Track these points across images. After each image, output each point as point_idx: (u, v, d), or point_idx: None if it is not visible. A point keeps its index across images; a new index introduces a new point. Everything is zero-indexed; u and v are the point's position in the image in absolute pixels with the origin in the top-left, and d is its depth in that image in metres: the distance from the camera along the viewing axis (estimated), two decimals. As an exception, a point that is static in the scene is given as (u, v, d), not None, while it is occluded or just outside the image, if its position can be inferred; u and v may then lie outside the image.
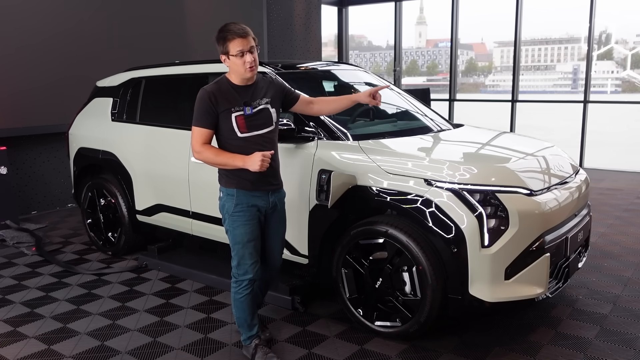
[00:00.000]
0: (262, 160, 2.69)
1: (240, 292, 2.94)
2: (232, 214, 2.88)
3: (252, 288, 2.95)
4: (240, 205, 2.86)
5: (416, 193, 2.98)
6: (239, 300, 2.95)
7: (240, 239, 2.88)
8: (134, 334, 3.37)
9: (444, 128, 4.07)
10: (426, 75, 23.99)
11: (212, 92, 2.80)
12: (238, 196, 2.86)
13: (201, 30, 7.98)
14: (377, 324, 3.21)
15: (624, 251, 4.72)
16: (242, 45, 2.74)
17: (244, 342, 3.05)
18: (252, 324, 3.01)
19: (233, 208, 2.87)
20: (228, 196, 2.88)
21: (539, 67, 28.47)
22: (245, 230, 2.88)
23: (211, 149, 2.82)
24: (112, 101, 4.82)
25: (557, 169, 3.48)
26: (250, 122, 2.84)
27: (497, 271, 2.87)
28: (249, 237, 2.89)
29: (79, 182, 5.08)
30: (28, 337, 3.36)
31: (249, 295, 2.94)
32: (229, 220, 2.90)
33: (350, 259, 3.24)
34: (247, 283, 2.92)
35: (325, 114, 3.26)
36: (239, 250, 2.90)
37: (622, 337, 3.22)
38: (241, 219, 2.87)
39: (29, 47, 6.06)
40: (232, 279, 2.97)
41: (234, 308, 3.00)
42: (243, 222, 2.87)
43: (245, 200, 2.86)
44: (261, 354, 2.97)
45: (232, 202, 2.87)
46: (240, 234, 2.88)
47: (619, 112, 19.77)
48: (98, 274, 4.40)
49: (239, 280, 2.93)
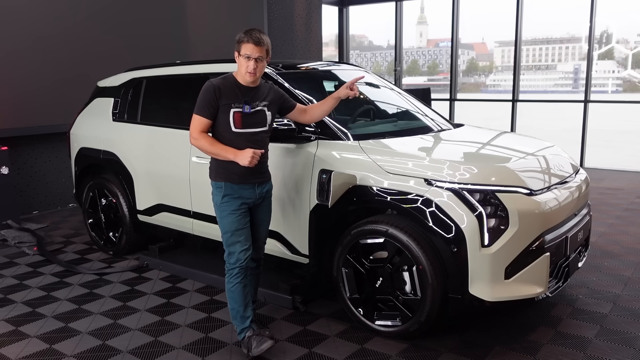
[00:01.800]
0: (252, 157, 2.86)
1: (232, 281, 3.05)
2: (219, 205, 3.03)
3: (243, 277, 3.05)
4: (228, 196, 3.01)
5: (416, 193, 2.99)
6: (230, 290, 3.06)
7: (229, 227, 3.02)
8: (135, 334, 3.38)
9: (445, 128, 4.08)
10: (427, 75, 24.01)
11: (218, 85, 2.96)
12: (225, 188, 3.00)
13: (202, 30, 8.00)
14: (378, 324, 3.22)
15: (624, 250, 4.73)
16: (251, 51, 2.90)
17: (239, 336, 3.12)
18: (244, 315, 3.08)
19: (221, 199, 3.02)
20: (217, 189, 3.04)
21: (540, 66, 28.47)
22: (232, 219, 3.01)
23: (207, 137, 2.98)
24: (113, 101, 4.83)
25: (557, 169, 3.49)
26: (246, 119, 2.98)
27: (497, 270, 2.88)
28: (236, 226, 3.02)
29: (80, 182, 5.10)
30: (29, 337, 3.37)
31: (240, 284, 3.04)
32: (217, 211, 3.06)
33: (350, 259, 3.24)
34: (238, 271, 3.03)
35: (316, 119, 3.32)
36: (227, 238, 3.03)
37: (622, 337, 3.22)
38: (228, 209, 3.01)
39: (30, 48, 6.07)
40: (225, 270, 3.08)
41: (228, 300, 3.10)
42: (230, 212, 3.02)
43: (231, 192, 3.01)
44: (256, 343, 3.03)
45: (220, 194, 3.02)
46: (228, 223, 3.02)
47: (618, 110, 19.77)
48: (99, 273, 4.42)
49: (230, 269, 3.05)
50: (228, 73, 3.06)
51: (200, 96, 2.96)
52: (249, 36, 2.90)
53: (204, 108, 2.95)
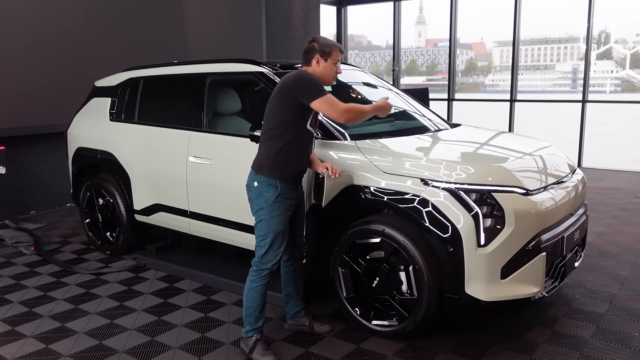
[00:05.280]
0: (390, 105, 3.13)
1: (258, 281, 3.03)
2: (272, 204, 2.96)
3: (269, 280, 3.04)
4: (282, 195, 2.98)
5: (413, 193, 2.99)
6: (254, 289, 3.03)
7: (276, 228, 2.98)
8: (131, 333, 3.38)
9: (442, 128, 4.08)
10: (426, 75, 23.99)
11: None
12: (281, 187, 2.96)
13: (201, 29, 7.99)
14: (374, 323, 3.23)
15: (621, 250, 4.73)
16: (340, 57, 3.05)
17: (245, 333, 3.09)
18: (259, 316, 3.07)
19: (274, 198, 2.96)
20: (270, 186, 2.97)
21: (539, 66, 28.46)
22: (282, 220, 2.99)
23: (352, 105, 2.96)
24: (111, 101, 4.83)
25: (554, 169, 3.49)
26: (315, 121, 3.07)
27: (493, 270, 2.88)
28: (284, 227, 3.01)
29: (78, 181, 5.09)
30: (26, 337, 3.37)
31: (265, 286, 3.04)
32: (267, 209, 2.97)
33: (347, 258, 3.25)
34: (268, 272, 3.03)
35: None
36: (271, 239, 2.98)
37: (619, 336, 3.23)
38: (280, 209, 2.98)
39: (28, 47, 6.07)
40: (253, 267, 3.05)
41: (246, 298, 3.06)
42: (281, 212, 2.99)
43: (285, 192, 2.99)
44: (260, 349, 3.02)
45: (273, 192, 2.96)
46: (276, 223, 2.98)
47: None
48: (96, 273, 4.41)
49: (261, 269, 3.02)
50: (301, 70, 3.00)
51: (309, 81, 2.89)
52: (338, 45, 3.04)
53: (321, 87, 2.91)
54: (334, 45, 3.03)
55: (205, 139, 3.98)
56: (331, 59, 3.00)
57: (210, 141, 3.95)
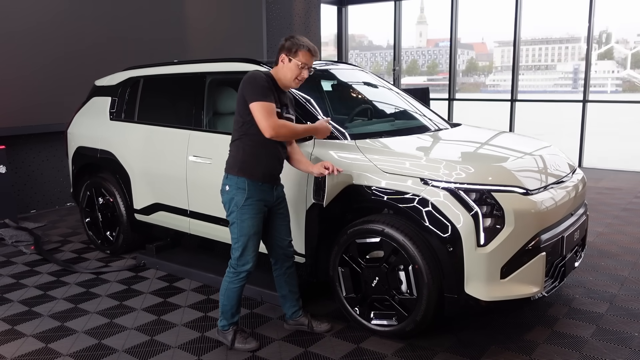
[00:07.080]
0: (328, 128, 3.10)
1: (236, 282, 3.06)
2: (241, 207, 2.96)
3: (246, 280, 3.08)
4: (251, 198, 2.96)
5: (413, 192, 2.99)
6: (232, 290, 3.07)
7: (247, 231, 2.98)
8: (131, 333, 3.38)
9: (442, 127, 4.07)
10: (427, 74, 24.01)
11: (268, 78, 2.91)
12: (249, 189, 2.94)
13: (201, 29, 7.99)
14: (374, 323, 3.22)
15: (622, 250, 4.73)
16: (307, 60, 2.93)
17: (222, 327, 3.15)
18: (235, 312, 3.13)
19: (243, 201, 2.95)
20: (238, 189, 2.96)
21: (540, 66, 28.46)
22: (252, 223, 2.98)
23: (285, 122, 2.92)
24: (111, 100, 4.83)
25: (554, 169, 3.48)
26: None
27: (493, 270, 2.88)
28: (255, 230, 3.01)
29: (78, 181, 5.09)
30: (26, 336, 3.37)
31: (242, 286, 3.09)
32: (237, 213, 2.97)
33: (347, 258, 3.24)
34: (245, 274, 3.05)
35: (288, 158, 3.18)
36: (244, 242, 2.99)
37: (618, 336, 3.22)
38: (250, 212, 2.97)
39: (28, 46, 6.07)
40: (230, 269, 3.07)
41: (223, 296, 3.10)
42: (252, 215, 2.98)
43: (255, 194, 2.97)
44: (241, 338, 3.09)
45: (242, 195, 2.95)
46: (247, 227, 2.98)
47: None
48: (96, 272, 4.41)
49: (238, 271, 3.04)
50: (264, 70, 2.98)
51: (254, 83, 2.83)
52: (308, 45, 2.89)
53: (267, 93, 2.82)
54: (304, 46, 2.89)
55: (205, 139, 3.97)
56: (296, 60, 2.90)
57: (210, 140, 3.95)
